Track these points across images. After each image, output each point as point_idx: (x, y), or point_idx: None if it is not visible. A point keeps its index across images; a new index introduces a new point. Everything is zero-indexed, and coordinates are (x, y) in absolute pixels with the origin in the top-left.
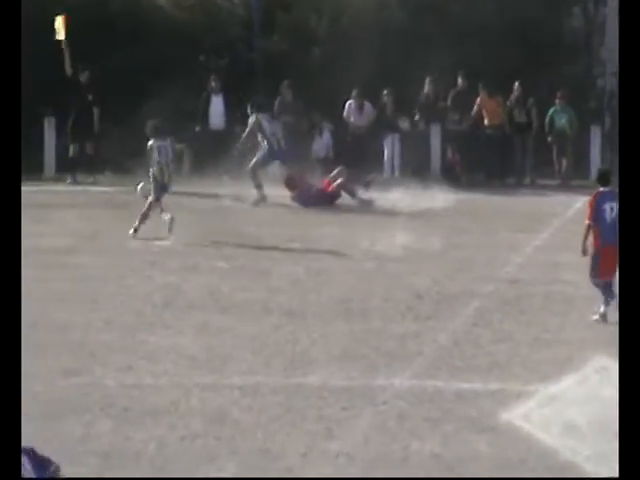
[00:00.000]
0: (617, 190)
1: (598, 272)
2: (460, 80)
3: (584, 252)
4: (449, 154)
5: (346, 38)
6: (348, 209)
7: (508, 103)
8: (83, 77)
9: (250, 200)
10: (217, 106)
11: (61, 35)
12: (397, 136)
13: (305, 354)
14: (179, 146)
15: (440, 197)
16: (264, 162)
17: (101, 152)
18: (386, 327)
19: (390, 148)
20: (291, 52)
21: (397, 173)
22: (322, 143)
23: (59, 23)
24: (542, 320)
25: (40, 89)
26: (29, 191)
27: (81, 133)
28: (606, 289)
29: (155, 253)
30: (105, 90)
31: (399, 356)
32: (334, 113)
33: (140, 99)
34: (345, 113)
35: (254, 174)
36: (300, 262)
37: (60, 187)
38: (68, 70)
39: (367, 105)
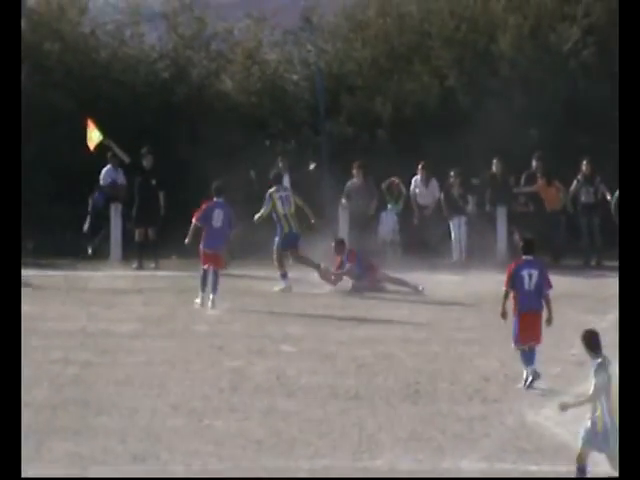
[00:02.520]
0: (538, 258)
1: (519, 338)
2: (534, 162)
3: (503, 315)
4: (515, 236)
5: (411, 121)
6: (411, 293)
7: (575, 182)
8: (147, 162)
9: (277, 289)
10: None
11: (94, 141)
12: (463, 218)
13: (372, 437)
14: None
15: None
16: (283, 248)
17: (166, 237)
18: (453, 409)
19: (457, 230)
20: (356, 135)
21: (464, 255)
22: (388, 225)
23: (90, 132)
24: None
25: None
26: (97, 276)
27: (146, 218)
28: (525, 356)
29: (221, 337)
30: (170, 175)
31: (466, 438)
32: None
33: (205, 184)
34: (411, 190)
35: (279, 262)
36: (366, 345)
37: (126, 272)
38: (126, 159)
39: (433, 180)
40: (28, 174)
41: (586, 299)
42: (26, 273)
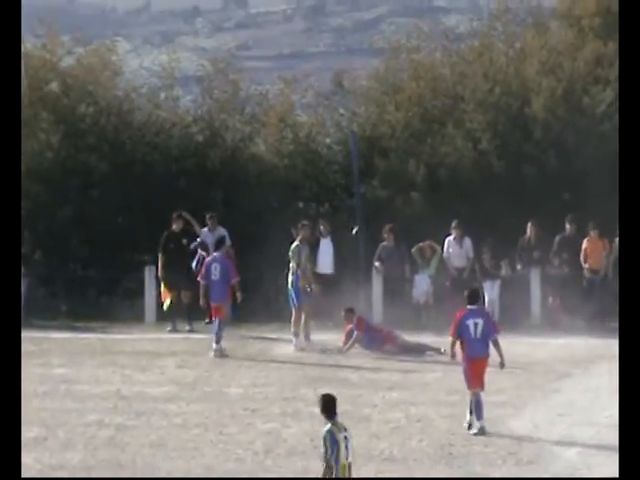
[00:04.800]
0: (482, 308)
1: (471, 382)
2: (568, 225)
3: (452, 356)
4: (550, 299)
5: (444, 184)
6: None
7: (613, 244)
8: (177, 225)
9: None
10: (326, 249)
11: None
12: (497, 282)
13: None
14: None
15: (540, 342)
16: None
17: (199, 300)
18: (487, 472)
19: (490, 293)
20: (390, 198)
21: (497, 318)
22: (422, 288)
23: (164, 297)
24: None
25: (142, 238)
26: (132, 339)
27: (178, 281)
28: (478, 405)
29: (255, 400)
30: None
31: None
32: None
33: (242, 246)
34: (445, 251)
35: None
36: (399, 408)
37: (161, 334)
38: (198, 231)
39: (467, 240)
40: (63, 238)
41: None
42: (60, 335)
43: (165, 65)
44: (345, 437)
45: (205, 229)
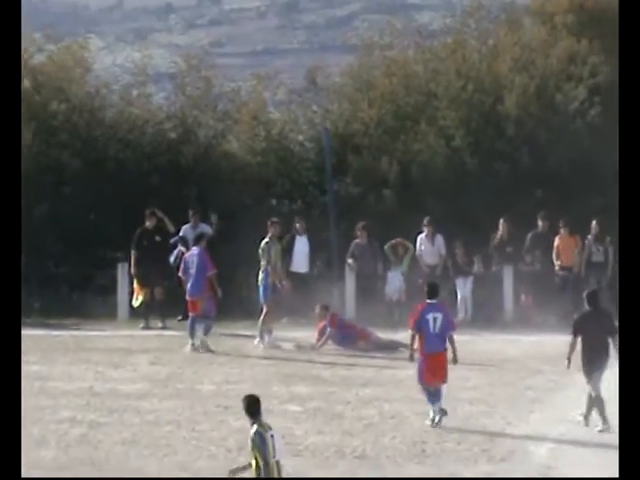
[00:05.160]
0: (441, 302)
1: (424, 377)
2: (540, 222)
3: (411, 358)
4: (522, 296)
5: (417, 181)
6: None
7: (586, 242)
8: (150, 222)
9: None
10: (301, 247)
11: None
12: (470, 278)
13: None
14: None
15: (513, 339)
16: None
17: (172, 296)
18: (460, 469)
19: (462, 290)
20: (363, 195)
21: (469, 315)
22: (395, 285)
23: (136, 294)
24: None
25: (114, 235)
26: (104, 336)
27: (151, 277)
28: (431, 395)
29: (228, 397)
30: (175, 235)
31: None
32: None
33: (215, 243)
34: (417, 249)
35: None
36: (373, 405)
37: (134, 331)
38: (171, 228)
39: (438, 237)
40: (35, 234)
41: None
42: (33, 333)
43: (137, 62)
44: (272, 436)
45: (187, 225)
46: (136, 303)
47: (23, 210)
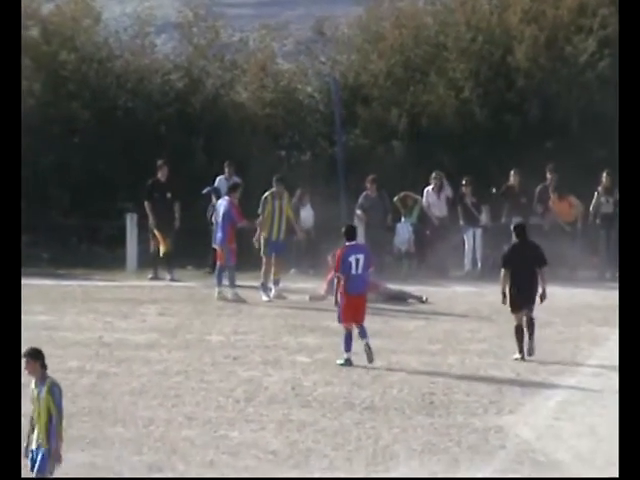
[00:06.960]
0: (362, 244)
1: (343, 317)
2: (548, 174)
3: (335, 302)
4: None
5: (426, 132)
6: (426, 305)
7: (596, 194)
8: (162, 174)
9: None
10: (305, 219)
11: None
12: (478, 230)
13: (387, 449)
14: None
15: None
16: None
17: (182, 247)
18: (468, 421)
19: (471, 241)
20: (372, 146)
21: (478, 266)
22: (404, 237)
23: (160, 242)
24: None
25: (123, 185)
26: (112, 286)
27: (161, 229)
28: (350, 336)
29: (237, 348)
30: (185, 185)
31: (481, 451)
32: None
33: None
34: (424, 201)
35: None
36: (381, 356)
37: (142, 282)
38: (177, 224)
39: (446, 186)
40: (44, 185)
41: (601, 311)
42: (42, 283)
43: (146, 11)
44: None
45: (221, 176)
46: (163, 250)
47: (31, 160)
